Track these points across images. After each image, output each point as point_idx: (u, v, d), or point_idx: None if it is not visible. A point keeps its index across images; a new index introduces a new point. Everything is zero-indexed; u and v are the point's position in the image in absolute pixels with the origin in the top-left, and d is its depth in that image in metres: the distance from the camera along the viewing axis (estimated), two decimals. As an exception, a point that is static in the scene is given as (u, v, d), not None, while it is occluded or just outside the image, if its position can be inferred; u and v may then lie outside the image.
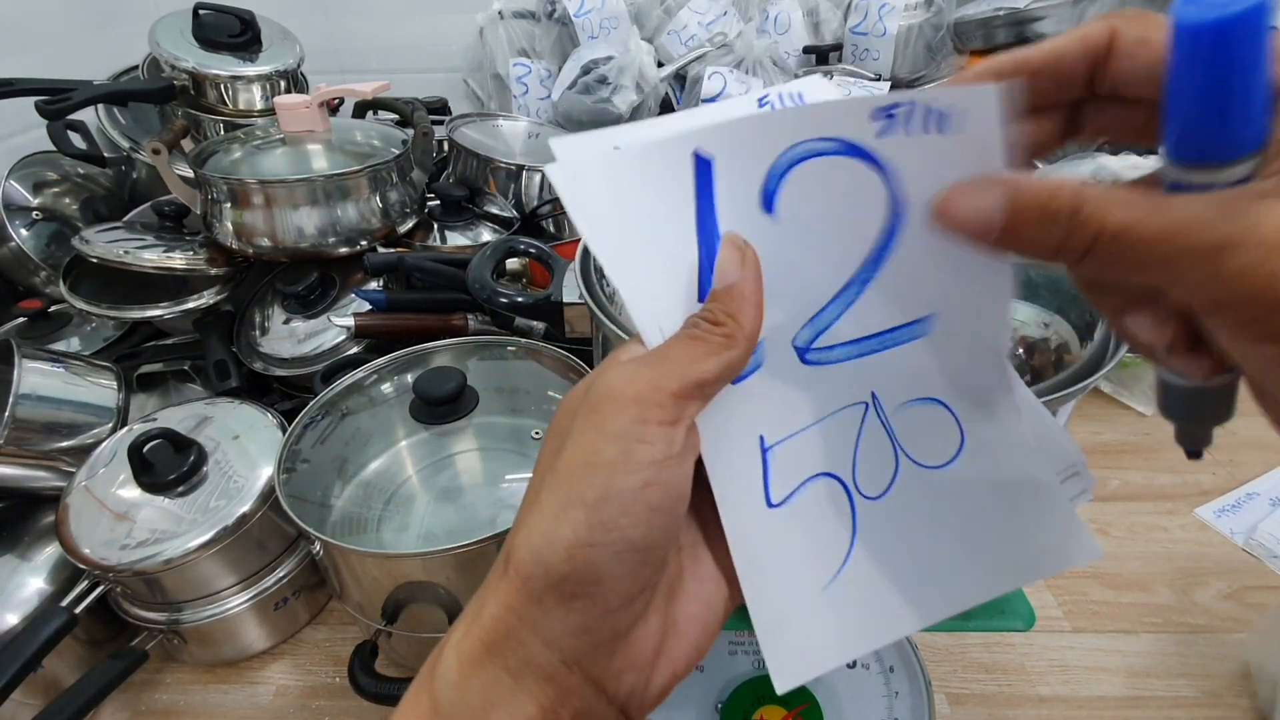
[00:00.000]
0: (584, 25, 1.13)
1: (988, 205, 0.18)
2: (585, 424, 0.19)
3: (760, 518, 0.21)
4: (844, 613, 0.21)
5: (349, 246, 0.74)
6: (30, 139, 0.94)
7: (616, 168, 0.19)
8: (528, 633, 0.19)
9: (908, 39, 1.11)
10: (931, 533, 0.21)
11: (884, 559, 0.21)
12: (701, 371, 0.19)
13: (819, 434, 0.21)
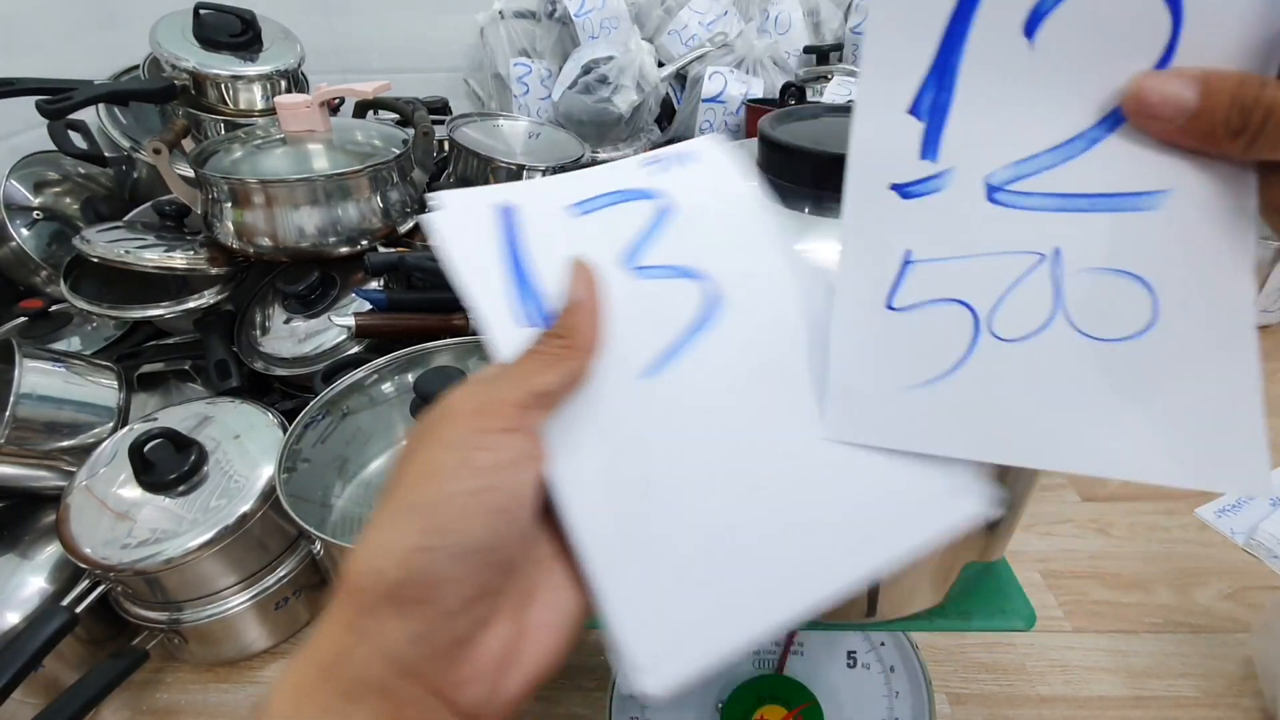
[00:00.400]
0: (584, 25, 1.13)
1: (1181, 90, 0.18)
2: (422, 441, 0.20)
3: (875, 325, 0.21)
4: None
5: (350, 246, 0.74)
6: (31, 138, 0.94)
7: (461, 220, 0.23)
8: (363, 648, 0.18)
9: (908, 39, 1.11)
10: (1062, 391, 0.20)
11: (996, 384, 0.20)
12: (540, 383, 0.20)
13: (975, 265, 0.21)
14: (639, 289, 0.23)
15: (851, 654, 0.42)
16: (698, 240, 0.25)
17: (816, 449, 0.22)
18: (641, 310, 0.23)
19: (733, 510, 0.21)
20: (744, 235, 0.25)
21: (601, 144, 1.12)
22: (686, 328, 0.23)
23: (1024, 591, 0.35)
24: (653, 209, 0.25)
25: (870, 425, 0.20)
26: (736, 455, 0.22)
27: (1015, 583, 0.35)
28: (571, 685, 0.54)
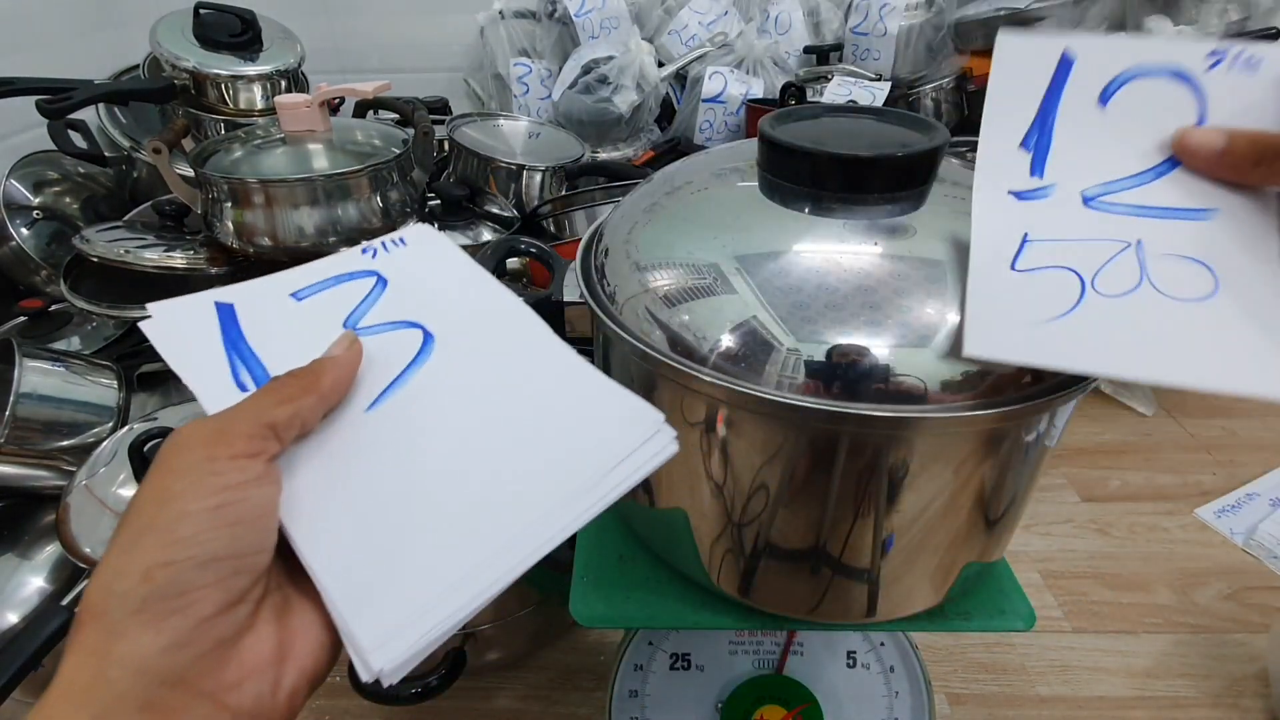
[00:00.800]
0: (585, 25, 1.13)
1: (1213, 136, 0.27)
2: (155, 471, 0.21)
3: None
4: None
5: (350, 246, 0.74)
6: (31, 138, 0.94)
7: (183, 316, 0.28)
8: (115, 669, 0.18)
9: (908, 39, 1.11)
10: (1153, 328, 0.26)
11: (1102, 323, 0.26)
12: (271, 415, 0.22)
13: (1078, 246, 0.27)
14: (365, 346, 0.28)
15: (851, 654, 0.42)
16: (411, 300, 0.30)
17: (509, 438, 0.26)
18: (368, 359, 0.27)
19: (435, 503, 0.24)
20: (453, 289, 0.31)
21: (601, 144, 1.12)
22: (403, 365, 0.28)
23: (1024, 591, 0.35)
24: (367, 284, 0.30)
25: (1003, 345, 0.25)
26: (440, 458, 0.25)
27: (1015, 583, 0.35)
28: (571, 685, 0.54)
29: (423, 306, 0.30)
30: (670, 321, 0.29)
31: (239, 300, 0.29)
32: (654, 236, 0.32)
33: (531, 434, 0.26)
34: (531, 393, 0.27)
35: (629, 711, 0.42)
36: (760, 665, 0.42)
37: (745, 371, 0.27)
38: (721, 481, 0.30)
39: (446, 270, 0.31)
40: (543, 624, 0.53)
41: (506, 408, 0.27)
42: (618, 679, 0.42)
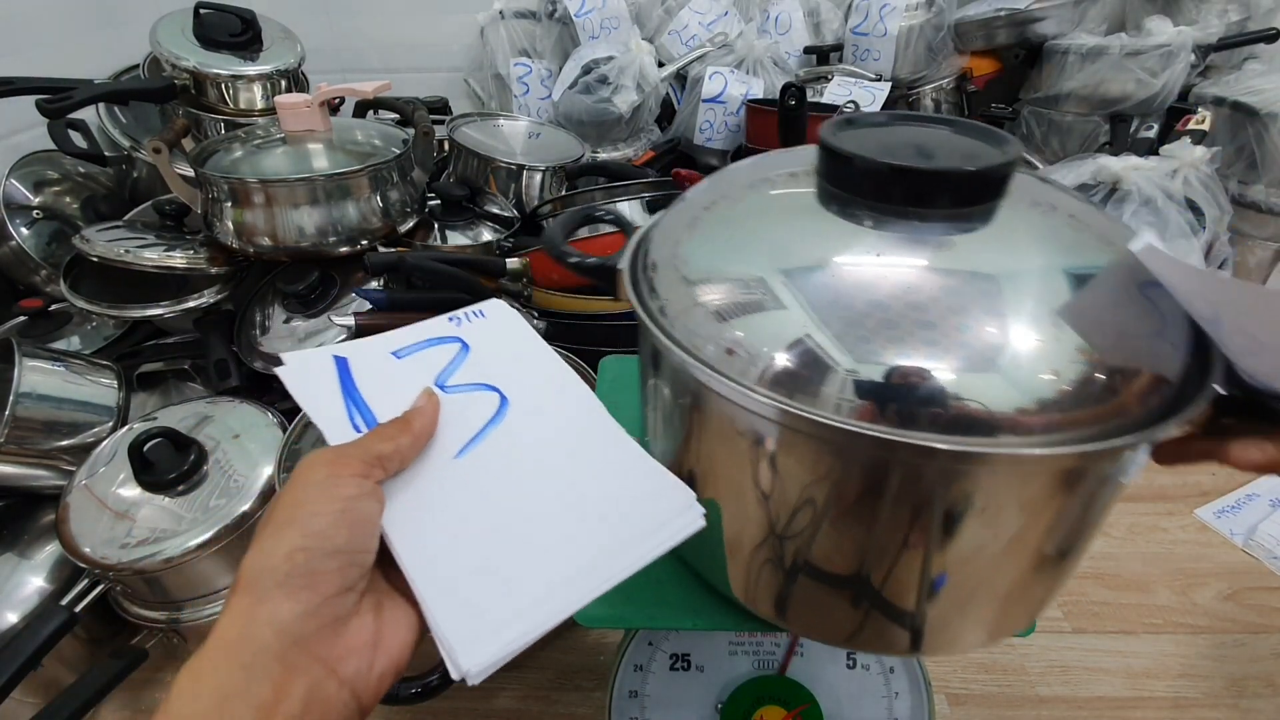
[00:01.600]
0: (585, 25, 1.13)
1: (1256, 454, 0.27)
2: (292, 483, 0.27)
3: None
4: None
5: (350, 246, 0.74)
6: (31, 138, 0.94)
7: (310, 367, 0.33)
8: (261, 626, 0.23)
9: (909, 39, 1.11)
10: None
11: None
12: (378, 450, 0.28)
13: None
14: (449, 400, 0.33)
15: (851, 655, 0.42)
16: (489, 365, 0.35)
17: (569, 495, 0.31)
18: (451, 414, 0.32)
19: (511, 535, 0.29)
20: (523, 358, 0.37)
21: (601, 144, 1.12)
22: (482, 422, 0.33)
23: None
24: (454, 349, 0.36)
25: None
26: (514, 501, 0.30)
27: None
28: (571, 685, 0.54)
29: (499, 372, 0.35)
30: (721, 337, 0.27)
31: (352, 355, 0.34)
32: (705, 246, 0.31)
33: (585, 494, 0.31)
34: (586, 459, 0.32)
35: (629, 712, 0.42)
36: (760, 666, 0.42)
37: (798, 392, 0.25)
38: (764, 501, 0.29)
39: (517, 342, 0.37)
40: (542, 624, 0.53)
41: (564, 468, 0.32)
42: (618, 679, 0.42)
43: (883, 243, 0.28)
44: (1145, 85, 1.00)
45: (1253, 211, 0.90)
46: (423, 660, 0.53)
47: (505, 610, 0.27)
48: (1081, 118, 1.08)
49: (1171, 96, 1.00)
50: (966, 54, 1.16)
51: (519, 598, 0.27)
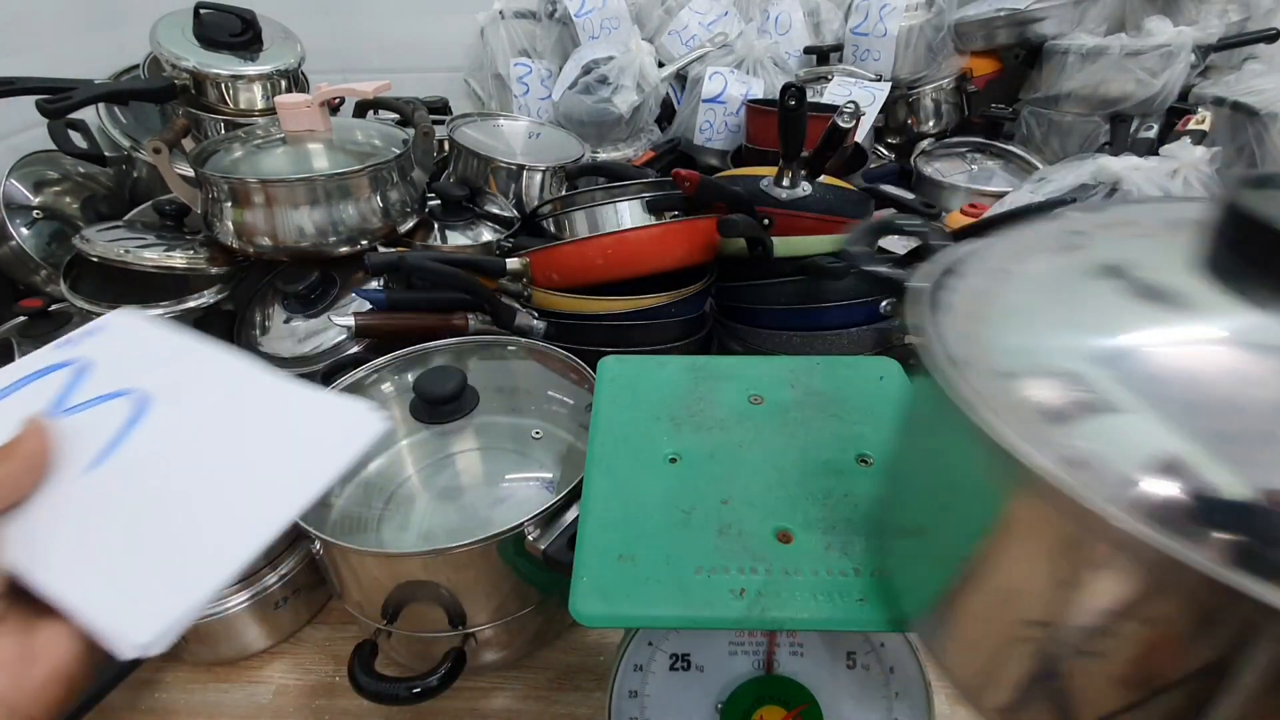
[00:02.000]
0: (585, 25, 1.13)
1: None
2: None
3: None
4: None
5: (350, 246, 0.74)
6: (31, 138, 0.94)
7: None
8: None
9: (909, 39, 1.11)
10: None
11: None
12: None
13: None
14: (72, 423, 0.32)
15: (851, 654, 0.42)
16: (120, 374, 0.34)
17: (240, 456, 0.32)
18: (81, 431, 0.31)
19: (163, 522, 0.29)
20: (164, 355, 0.35)
21: (601, 144, 1.12)
22: (120, 427, 0.32)
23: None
24: (69, 372, 0.34)
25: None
26: (176, 485, 0.30)
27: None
28: (571, 685, 0.54)
29: (135, 376, 0.34)
30: (1060, 435, 0.21)
31: None
32: (1040, 313, 0.25)
33: (257, 448, 0.32)
34: (253, 418, 0.33)
35: (628, 712, 0.42)
36: (761, 666, 0.42)
37: (1159, 521, 0.19)
38: (1062, 611, 0.22)
39: (153, 342, 0.37)
40: (543, 624, 0.53)
41: (229, 435, 0.32)
42: (617, 679, 0.42)
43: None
44: (1145, 85, 1.00)
45: (1253, 212, 0.90)
46: (423, 660, 0.53)
47: (172, 579, 0.28)
48: (1081, 118, 1.08)
49: (1171, 97, 1.01)
50: (966, 54, 1.16)
51: (187, 563, 0.28)
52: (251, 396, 0.34)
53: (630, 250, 0.70)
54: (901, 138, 1.21)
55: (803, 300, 0.70)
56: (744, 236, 0.70)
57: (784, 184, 0.72)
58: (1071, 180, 0.84)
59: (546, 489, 0.56)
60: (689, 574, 0.36)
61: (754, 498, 0.38)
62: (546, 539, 0.45)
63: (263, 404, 0.34)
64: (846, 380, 0.47)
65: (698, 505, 0.38)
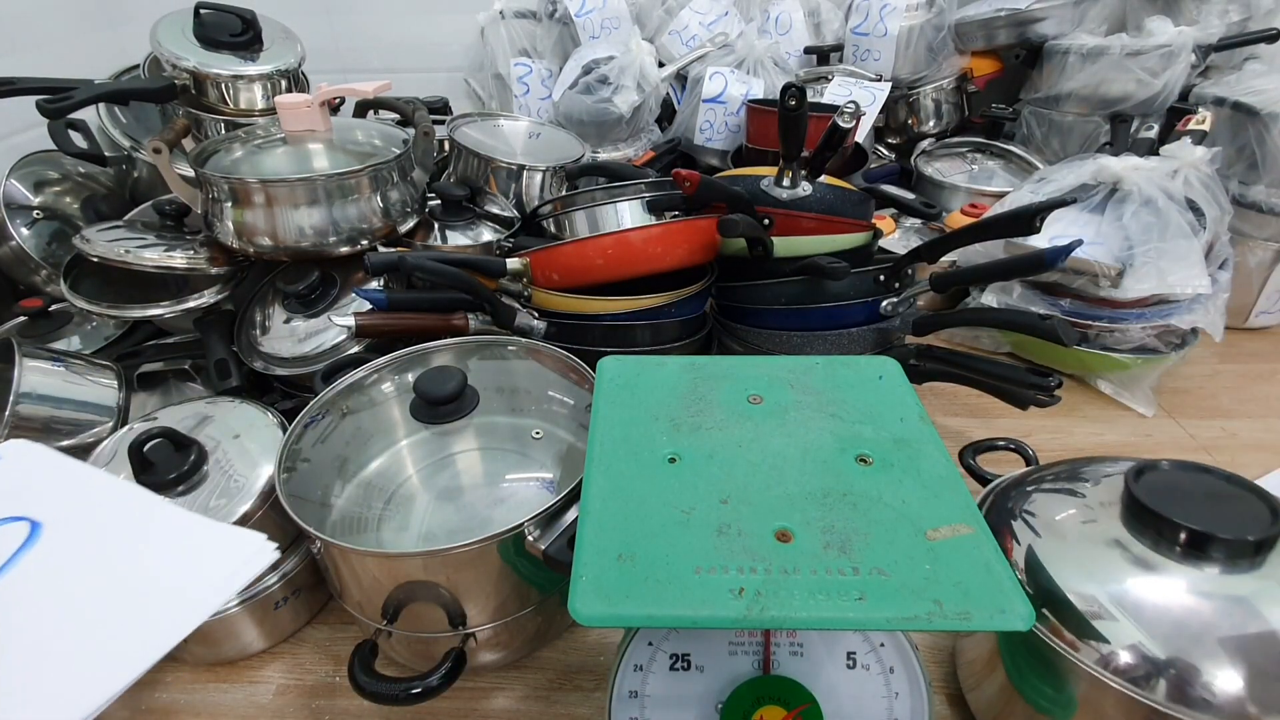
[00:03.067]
0: (585, 25, 1.13)
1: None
2: None
3: None
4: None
5: (350, 246, 0.74)
6: (31, 138, 0.94)
7: None
8: None
9: (909, 39, 1.11)
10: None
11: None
12: None
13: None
14: None
15: (851, 654, 0.42)
16: (14, 501, 0.35)
17: (127, 583, 0.32)
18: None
19: (34, 653, 0.29)
20: (60, 483, 0.36)
21: (602, 144, 1.12)
22: (12, 550, 0.32)
23: (1024, 591, 0.35)
24: None
25: None
26: (60, 610, 0.30)
27: (1015, 582, 0.35)
28: (571, 685, 0.54)
29: (27, 503, 0.35)
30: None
31: None
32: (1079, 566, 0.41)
33: (144, 576, 0.32)
34: (143, 547, 0.34)
35: (629, 712, 0.42)
36: (761, 666, 0.42)
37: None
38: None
39: (49, 469, 0.38)
40: (542, 624, 0.53)
41: (114, 563, 0.33)
42: (617, 679, 0.42)
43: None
44: (1145, 85, 1.00)
45: (1253, 212, 0.90)
46: (423, 660, 0.53)
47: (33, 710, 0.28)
48: (1082, 118, 1.08)
49: (1172, 97, 1.01)
50: (967, 54, 1.16)
51: (52, 696, 0.28)
52: (141, 526, 0.35)
53: (630, 250, 0.69)
54: (902, 138, 1.21)
55: (803, 300, 0.70)
56: (744, 236, 0.70)
57: (784, 184, 0.72)
58: (1072, 180, 0.84)
59: (546, 489, 0.56)
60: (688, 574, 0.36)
61: (753, 497, 0.38)
62: (546, 539, 0.45)
63: (152, 534, 0.35)
64: (846, 380, 0.47)
65: (697, 505, 0.38)
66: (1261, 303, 0.94)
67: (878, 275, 0.70)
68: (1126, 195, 0.80)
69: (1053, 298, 0.83)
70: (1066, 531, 0.44)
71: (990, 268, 0.67)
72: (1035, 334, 0.63)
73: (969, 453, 0.58)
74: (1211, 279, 0.77)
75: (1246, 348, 0.93)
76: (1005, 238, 0.80)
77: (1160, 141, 0.92)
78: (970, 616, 0.33)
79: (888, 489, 0.38)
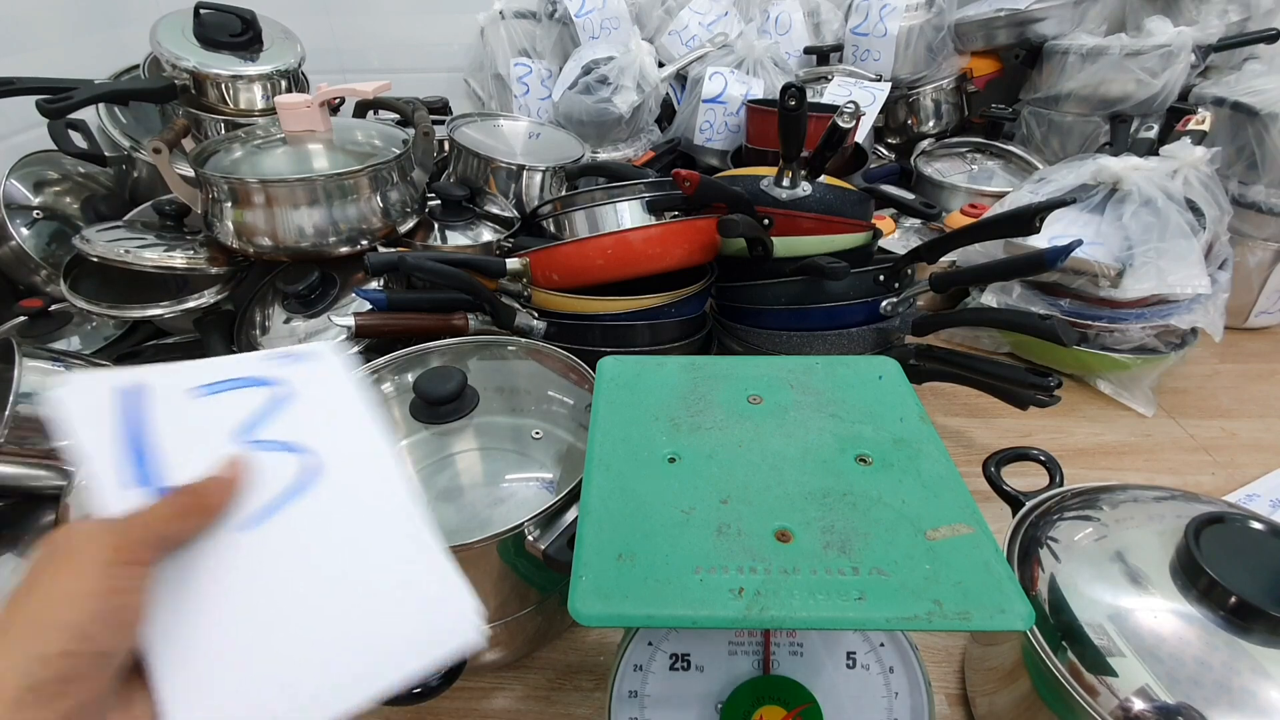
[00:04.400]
0: (585, 25, 1.13)
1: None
2: (53, 563, 0.24)
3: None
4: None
5: (350, 246, 0.74)
6: (31, 138, 0.94)
7: (86, 400, 0.28)
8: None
9: (908, 40, 1.11)
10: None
11: None
12: (163, 530, 0.26)
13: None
14: (253, 461, 0.29)
15: (851, 654, 0.42)
16: (307, 423, 0.31)
17: (350, 592, 0.28)
18: (250, 478, 0.29)
19: (272, 635, 0.27)
20: (343, 421, 0.32)
21: (601, 144, 1.12)
22: (281, 492, 0.29)
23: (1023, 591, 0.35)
24: (270, 394, 0.31)
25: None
26: (292, 591, 0.27)
27: (1014, 582, 0.35)
28: (571, 685, 0.54)
29: (314, 433, 0.31)
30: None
31: (144, 387, 0.29)
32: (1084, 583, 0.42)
33: (365, 592, 0.29)
34: (377, 550, 0.30)
35: (628, 712, 0.42)
36: (761, 666, 0.42)
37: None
38: None
39: (342, 400, 0.33)
40: (542, 624, 0.53)
41: (352, 559, 0.29)
42: (617, 679, 0.42)
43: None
44: (1145, 85, 1.00)
45: (1253, 212, 0.90)
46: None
47: (247, 708, 0.25)
48: (1081, 118, 1.08)
49: (1171, 97, 1.01)
50: (966, 54, 1.16)
51: (267, 696, 0.25)
52: (390, 521, 0.30)
53: (630, 250, 0.70)
54: (901, 138, 1.21)
55: (802, 300, 0.70)
56: (744, 236, 0.70)
57: (784, 184, 0.72)
58: (1072, 180, 0.84)
59: (546, 489, 0.56)
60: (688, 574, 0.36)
61: (753, 497, 0.38)
62: (546, 539, 0.45)
63: (393, 537, 0.30)
64: (846, 380, 0.47)
65: (697, 505, 0.38)
66: (1261, 303, 0.94)
67: (877, 275, 0.70)
68: (1126, 195, 0.80)
69: (1053, 298, 0.83)
70: (1106, 578, 0.43)
71: (990, 268, 0.67)
72: (1035, 334, 0.63)
73: (992, 464, 0.55)
74: (1211, 279, 0.77)
75: (1246, 348, 0.93)
76: (1005, 238, 0.80)
77: (1160, 141, 0.92)
78: (970, 616, 0.33)
79: (887, 489, 0.38)
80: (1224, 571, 0.38)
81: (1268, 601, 0.36)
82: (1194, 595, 0.39)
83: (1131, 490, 0.49)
